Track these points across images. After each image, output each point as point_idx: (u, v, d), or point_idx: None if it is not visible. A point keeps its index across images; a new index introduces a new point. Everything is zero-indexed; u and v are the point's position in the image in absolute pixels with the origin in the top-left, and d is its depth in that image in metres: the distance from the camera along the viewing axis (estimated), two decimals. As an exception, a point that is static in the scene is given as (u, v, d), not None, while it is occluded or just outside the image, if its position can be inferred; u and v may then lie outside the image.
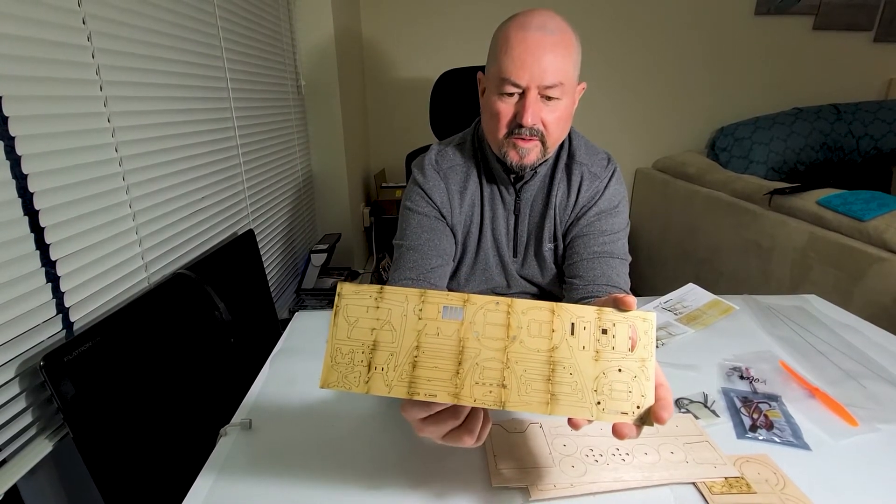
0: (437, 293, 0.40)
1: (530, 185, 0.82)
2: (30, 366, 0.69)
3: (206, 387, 0.97)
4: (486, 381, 0.38)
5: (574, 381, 0.38)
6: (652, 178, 2.45)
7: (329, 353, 0.40)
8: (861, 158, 2.24)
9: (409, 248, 0.80)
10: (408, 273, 0.78)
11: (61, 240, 0.74)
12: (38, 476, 0.74)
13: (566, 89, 0.69)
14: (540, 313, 0.39)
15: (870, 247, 1.33)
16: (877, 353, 0.76)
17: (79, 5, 0.77)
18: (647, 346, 0.39)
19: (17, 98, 0.67)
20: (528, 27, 0.67)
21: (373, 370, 0.39)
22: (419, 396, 0.38)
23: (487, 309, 0.39)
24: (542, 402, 0.38)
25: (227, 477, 0.53)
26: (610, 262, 0.79)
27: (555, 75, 0.67)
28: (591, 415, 0.38)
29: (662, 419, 0.38)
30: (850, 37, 2.40)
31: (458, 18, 2.30)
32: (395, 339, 0.39)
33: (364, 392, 0.38)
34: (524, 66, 0.66)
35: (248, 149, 1.41)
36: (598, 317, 0.39)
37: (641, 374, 0.39)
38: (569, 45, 0.68)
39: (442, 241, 0.81)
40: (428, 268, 0.78)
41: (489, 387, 0.38)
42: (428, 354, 0.39)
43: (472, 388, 0.38)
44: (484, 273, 0.87)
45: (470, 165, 0.84)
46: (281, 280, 1.69)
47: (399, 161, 2.43)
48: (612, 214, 0.81)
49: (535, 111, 0.69)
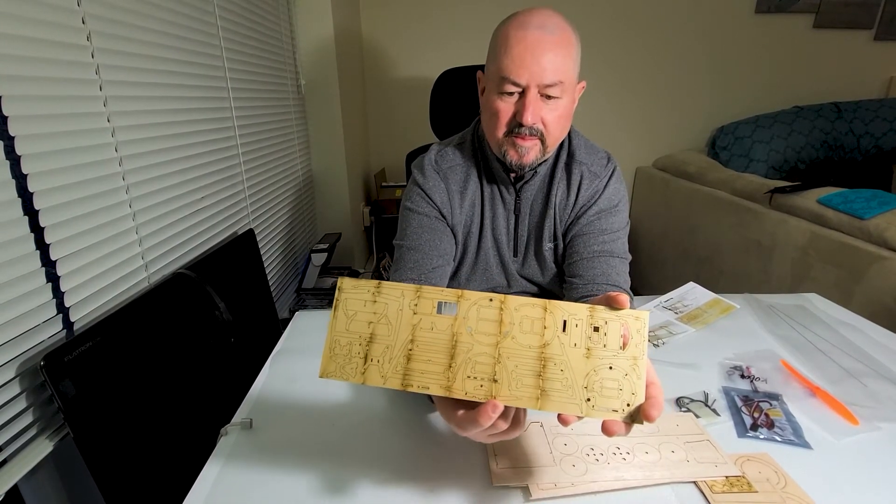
0: (432, 289, 0.41)
1: (530, 185, 0.82)
2: (30, 366, 0.69)
3: (207, 386, 0.97)
4: (478, 375, 0.39)
5: (565, 377, 0.39)
6: (652, 177, 2.45)
7: (328, 344, 0.41)
8: (862, 157, 2.23)
9: (409, 249, 0.80)
10: (408, 273, 0.78)
11: (61, 239, 0.74)
12: (39, 476, 0.74)
13: (566, 88, 0.69)
14: (532, 310, 0.40)
15: (870, 245, 1.32)
16: (878, 351, 0.76)
17: (78, 5, 0.77)
18: (639, 345, 0.39)
19: (17, 98, 0.67)
20: (528, 26, 0.67)
21: (369, 362, 0.40)
22: (412, 388, 0.39)
23: (481, 305, 0.40)
24: (533, 398, 0.38)
25: (228, 476, 0.53)
26: (610, 261, 0.79)
27: (554, 74, 0.67)
28: (581, 411, 0.38)
29: (651, 417, 0.38)
30: (851, 35, 2.39)
31: (458, 17, 2.30)
32: (391, 333, 0.40)
33: (360, 382, 0.40)
34: (524, 64, 0.66)
35: (248, 148, 1.41)
36: (590, 314, 0.40)
37: (633, 373, 0.39)
38: (568, 44, 0.68)
39: (442, 241, 0.81)
40: (429, 268, 0.78)
41: (480, 381, 0.39)
42: (422, 348, 0.40)
43: (464, 382, 0.39)
44: (484, 273, 0.87)
45: (470, 165, 0.83)
46: (281, 280, 1.69)
47: (399, 160, 2.42)
48: (612, 213, 0.81)
49: (535, 110, 0.69)
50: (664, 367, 0.72)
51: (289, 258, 1.77)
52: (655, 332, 0.82)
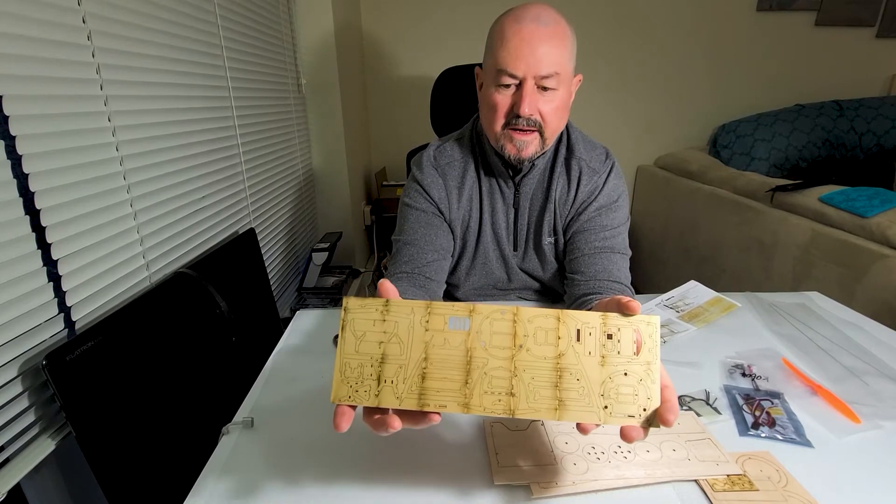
0: (442, 304, 0.40)
1: (529, 179, 0.82)
2: (32, 365, 0.69)
3: (208, 385, 0.97)
4: (495, 391, 0.38)
5: (581, 386, 0.39)
6: (653, 175, 2.44)
7: (338, 367, 0.39)
8: (864, 155, 2.23)
9: (405, 243, 0.81)
10: (403, 267, 0.79)
11: (62, 239, 0.74)
12: (41, 475, 0.74)
13: (562, 79, 0.70)
14: (546, 321, 0.39)
15: (872, 243, 1.32)
16: (879, 350, 0.76)
17: (78, 4, 0.77)
18: (652, 350, 0.39)
19: (18, 97, 0.67)
20: (523, 19, 0.68)
21: (382, 383, 0.39)
22: (429, 408, 0.38)
23: (493, 318, 0.39)
24: (551, 409, 0.38)
25: (229, 475, 0.53)
26: (611, 257, 0.79)
27: (550, 65, 0.68)
28: (599, 419, 0.38)
29: (669, 422, 0.38)
30: (853, 32, 2.39)
31: (458, 16, 2.29)
32: (403, 352, 0.39)
33: (374, 405, 0.39)
34: (520, 56, 0.68)
35: (248, 147, 1.41)
36: (603, 322, 0.39)
37: (647, 377, 0.39)
38: (563, 36, 0.69)
39: (438, 236, 0.82)
40: (424, 262, 0.79)
41: (498, 395, 0.38)
42: (437, 365, 0.39)
43: (482, 398, 0.38)
44: (484, 267, 0.87)
45: (468, 160, 0.84)
46: (282, 279, 1.69)
47: (400, 159, 2.42)
48: (613, 209, 0.82)
49: (532, 101, 0.70)
50: (666, 365, 0.72)
51: (290, 257, 1.77)
52: (657, 330, 0.82)
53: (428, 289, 0.78)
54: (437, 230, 0.82)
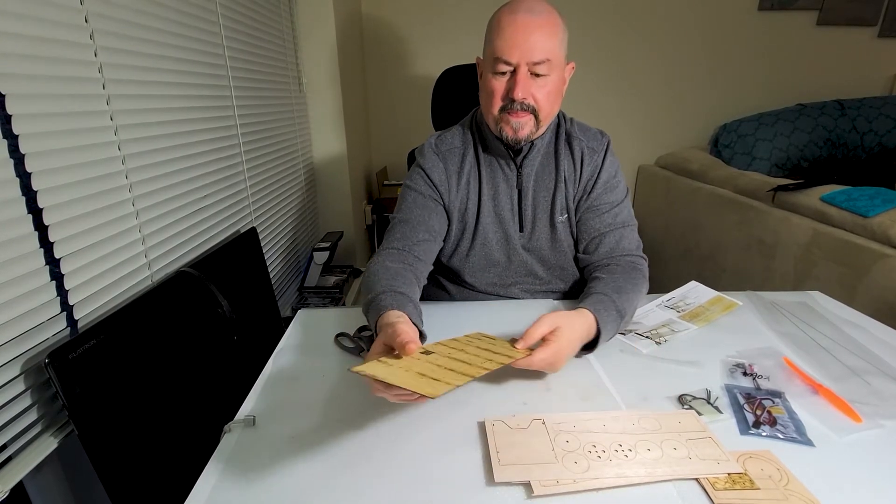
0: (433, 345, 0.61)
1: (530, 160, 0.87)
2: (34, 363, 0.69)
3: (210, 384, 0.98)
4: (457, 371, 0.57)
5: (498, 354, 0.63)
6: (654, 174, 2.44)
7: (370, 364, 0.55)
8: (865, 154, 2.22)
9: (400, 221, 0.87)
10: (395, 244, 0.84)
11: (65, 238, 0.74)
12: (44, 472, 0.75)
13: (553, 66, 0.77)
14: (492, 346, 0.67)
15: (874, 243, 1.32)
16: (881, 349, 0.76)
17: (81, 3, 0.78)
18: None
19: (21, 96, 0.67)
20: (517, 11, 0.75)
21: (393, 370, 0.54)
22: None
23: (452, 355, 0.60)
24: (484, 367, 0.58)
25: (231, 473, 0.53)
26: (623, 231, 0.88)
27: (542, 52, 0.74)
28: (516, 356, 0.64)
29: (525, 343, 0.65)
30: (855, 32, 2.38)
31: (459, 15, 2.29)
32: (406, 364, 0.55)
33: (385, 375, 0.50)
34: (514, 44, 0.74)
35: (250, 147, 1.41)
36: (509, 355, 0.64)
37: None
38: (554, 25, 0.76)
39: (432, 218, 0.87)
40: (415, 240, 0.84)
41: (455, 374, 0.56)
42: (426, 370, 0.54)
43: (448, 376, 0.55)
44: (483, 248, 0.91)
45: (468, 146, 0.90)
46: (283, 278, 1.69)
47: (401, 159, 2.41)
48: (615, 185, 0.90)
49: (526, 86, 0.76)
50: (667, 364, 0.72)
51: (291, 256, 1.77)
52: (657, 329, 0.82)
53: (415, 268, 0.82)
54: (431, 212, 0.87)
